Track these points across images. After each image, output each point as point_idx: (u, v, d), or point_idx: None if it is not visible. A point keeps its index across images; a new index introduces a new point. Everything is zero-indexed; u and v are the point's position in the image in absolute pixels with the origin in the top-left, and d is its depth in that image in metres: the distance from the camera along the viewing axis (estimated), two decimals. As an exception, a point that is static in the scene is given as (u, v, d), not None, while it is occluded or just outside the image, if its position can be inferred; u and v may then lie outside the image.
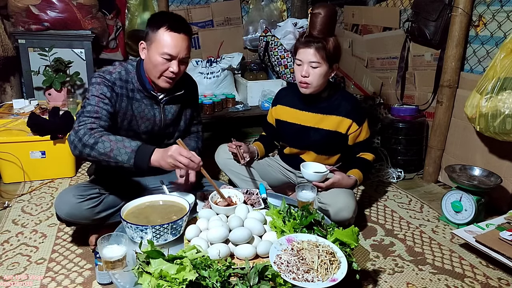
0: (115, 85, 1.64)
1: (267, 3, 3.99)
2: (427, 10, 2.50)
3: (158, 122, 1.76)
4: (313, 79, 1.78)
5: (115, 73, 1.65)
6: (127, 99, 1.68)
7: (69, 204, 1.57)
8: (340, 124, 1.86)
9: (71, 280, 1.56)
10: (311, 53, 1.74)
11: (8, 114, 2.58)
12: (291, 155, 2.04)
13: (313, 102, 1.89)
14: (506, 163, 2.14)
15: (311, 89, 1.81)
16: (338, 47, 1.80)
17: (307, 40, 1.76)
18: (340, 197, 1.73)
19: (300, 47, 1.79)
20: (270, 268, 1.19)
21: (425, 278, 1.64)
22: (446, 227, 2.05)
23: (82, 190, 1.61)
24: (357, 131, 1.87)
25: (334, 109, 1.87)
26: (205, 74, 3.57)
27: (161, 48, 1.58)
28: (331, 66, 1.79)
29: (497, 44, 2.21)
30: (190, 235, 1.39)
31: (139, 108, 1.71)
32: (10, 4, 2.92)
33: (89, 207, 1.59)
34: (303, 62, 1.77)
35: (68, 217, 1.59)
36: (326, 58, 1.75)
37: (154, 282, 1.12)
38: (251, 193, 1.72)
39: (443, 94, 2.43)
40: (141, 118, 1.72)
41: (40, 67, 2.95)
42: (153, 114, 1.74)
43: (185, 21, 1.68)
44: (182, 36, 1.60)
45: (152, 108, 1.74)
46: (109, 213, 1.66)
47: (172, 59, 1.61)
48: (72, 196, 1.57)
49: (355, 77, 3.43)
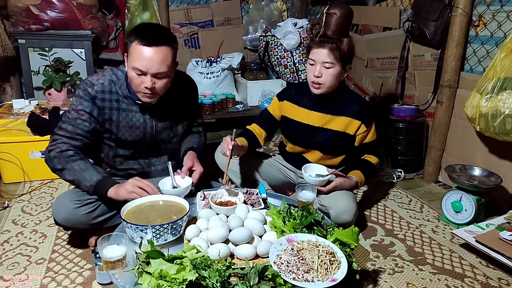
0: (96, 98, 1.60)
1: (267, 3, 3.99)
2: (427, 10, 2.50)
3: (149, 129, 1.71)
4: (326, 79, 1.76)
5: (98, 85, 1.61)
6: (113, 110, 1.64)
7: (66, 210, 1.56)
8: (349, 125, 1.85)
9: (71, 280, 1.56)
10: (324, 54, 1.72)
11: (8, 114, 2.58)
12: (294, 154, 2.02)
13: (323, 102, 1.87)
14: (506, 163, 2.14)
15: (323, 89, 1.79)
16: (352, 48, 1.79)
17: (321, 40, 1.74)
18: (341, 200, 1.73)
19: (314, 47, 1.76)
20: (270, 268, 1.19)
21: (425, 278, 1.64)
22: (446, 227, 2.05)
23: (79, 195, 1.59)
24: (365, 132, 1.87)
25: (343, 110, 1.85)
26: (205, 74, 3.57)
27: (132, 62, 1.51)
28: (344, 67, 1.78)
29: (497, 44, 2.21)
30: (190, 235, 1.39)
31: (127, 118, 1.66)
32: (10, 4, 2.93)
33: (86, 212, 1.58)
34: (316, 62, 1.75)
35: (65, 222, 1.58)
36: (340, 59, 1.73)
37: (154, 282, 1.12)
38: (251, 193, 1.72)
39: (443, 94, 2.43)
40: (130, 128, 1.68)
41: (40, 67, 2.95)
42: (142, 121, 1.69)
43: (164, 32, 1.58)
44: (154, 49, 1.49)
45: (141, 116, 1.68)
46: (106, 217, 1.64)
47: (143, 74, 1.52)
48: (69, 201, 1.56)
49: (355, 77, 3.43)
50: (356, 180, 1.80)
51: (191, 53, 3.93)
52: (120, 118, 1.66)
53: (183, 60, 3.85)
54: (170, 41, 1.55)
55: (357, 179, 1.81)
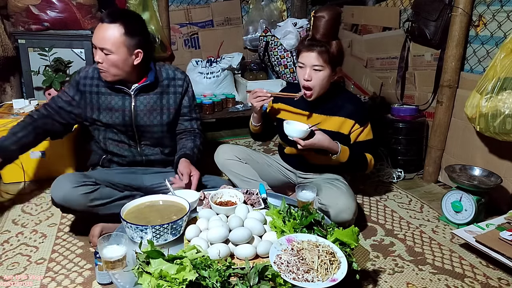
0: (79, 84, 1.83)
1: (267, 3, 3.99)
2: (427, 10, 2.50)
3: (127, 113, 1.82)
4: (315, 82, 1.77)
5: (83, 72, 1.85)
6: (93, 94, 1.82)
7: (64, 189, 1.61)
8: (342, 125, 1.86)
9: (71, 280, 1.56)
10: (314, 57, 1.73)
11: (8, 114, 2.58)
12: (291, 155, 2.03)
13: (316, 103, 1.87)
14: (506, 163, 2.14)
15: (315, 94, 1.80)
16: (342, 50, 1.79)
17: (310, 44, 1.74)
18: (340, 198, 1.73)
19: (303, 50, 1.77)
20: (270, 268, 1.19)
21: (425, 278, 1.64)
22: (446, 227, 2.05)
23: (78, 177, 1.67)
24: (359, 131, 1.86)
25: (337, 110, 1.86)
26: (205, 74, 3.57)
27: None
28: (334, 70, 1.78)
29: (497, 44, 2.21)
30: (190, 235, 1.39)
31: (106, 101, 1.82)
32: (10, 4, 2.92)
33: (84, 192, 1.62)
34: (306, 66, 1.76)
35: (63, 202, 1.62)
36: (329, 62, 1.74)
37: (154, 282, 1.12)
38: (251, 193, 1.72)
39: (443, 94, 2.43)
40: (110, 110, 1.82)
41: (40, 67, 2.94)
42: (121, 104, 1.82)
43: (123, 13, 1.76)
44: (103, 26, 1.67)
45: (121, 99, 1.82)
46: (103, 203, 1.67)
47: (95, 48, 1.70)
48: (68, 181, 1.63)
49: (354, 77, 3.43)
50: (339, 146, 1.76)
51: (191, 53, 3.93)
52: (100, 102, 1.82)
53: (183, 60, 3.85)
54: (123, 20, 1.68)
55: (339, 147, 1.76)
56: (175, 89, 1.90)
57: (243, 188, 1.76)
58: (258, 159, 2.07)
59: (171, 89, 1.89)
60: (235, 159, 1.98)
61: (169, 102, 1.89)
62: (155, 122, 1.86)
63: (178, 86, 1.90)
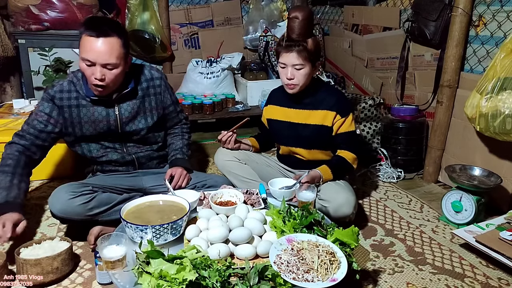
0: (55, 98, 1.72)
1: (267, 3, 3.99)
2: (427, 10, 2.50)
3: (113, 122, 1.77)
4: (298, 80, 1.84)
5: (57, 86, 1.73)
6: (73, 107, 1.72)
7: (61, 201, 1.60)
8: (325, 117, 1.90)
9: (71, 280, 1.56)
10: (293, 57, 1.80)
11: (8, 114, 2.58)
12: (286, 155, 2.08)
13: (299, 99, 1.95)
14: (506, 163, 2.14)
15: (297, 88, 1.87)
16: (318, 46, 1.87)
17: (288, 44, 1.81)
18: (339, 193, 1.75)
19: (282, 51, 1.84)
20: (270, 268, 1.19)
21: (425, 278, 1.64)
22: (446, 227, 2.05)
23: (75, 187, 1.64)
24: (340, 121, 1.90)
25: (319, 104, 1.92)
26: (205, 74, 3.57)
27: (82, 53, 1.59)
28: (314, 65, 1.86)
29: (497, 44, 2.21)
30: (190, 235, 1.39)
31: (88, 113, 1.74)
32: (10, 4, 2.93)
33: (81, 203, 1.61)
34: (287, 65, 1.83)
35: (61, 213, 1.61)
36: (309, 59, 1.81)
37: (154, 282, 1.12)
38: (251, 193, 1.72)
39: (443, 94, 2.43)
40: (93, 122, 1.75)
41: (40, 67, 2.95)
42: (105, 114, 1.76)
43: (112, 24, 1.64)
44: (101, 40, 1.56)
45: (104, 110, 1.75)
46: (102, 210, 1.67)
47: (93, 65, 1.58)
48: (65, 192, 1.61)
49: (355, 77, 3.43)
50: (318, 172, 1.81)
51: (191, 53, 3.94)
52: (81, 115, 1.74)
53: (183, 60, 3.86)
54: (117, 32, 1.61)
55: (319, 173, 1.81)
56: (154, 90, 1.88)
57: (243, 188, 1.76)
58: (257, 159, 2.08)
59: (151, 90, 1.87)
60: (234, 160, 2.00)
61: (151, 105, 1.87)
62: (140, 126, 1.85)
63: (157, 86, 1.89)
